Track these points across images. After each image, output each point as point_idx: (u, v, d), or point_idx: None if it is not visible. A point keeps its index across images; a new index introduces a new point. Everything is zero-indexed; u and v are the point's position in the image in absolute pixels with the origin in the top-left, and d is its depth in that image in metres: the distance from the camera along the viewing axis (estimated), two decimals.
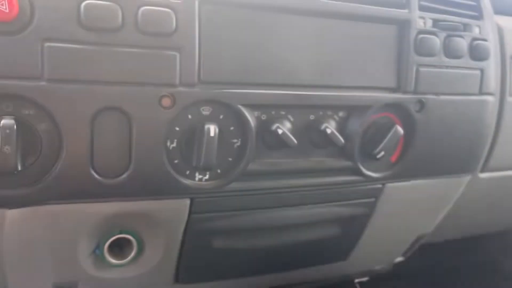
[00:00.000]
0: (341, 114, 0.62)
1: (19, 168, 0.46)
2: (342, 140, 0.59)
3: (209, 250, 0.62)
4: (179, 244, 0.60)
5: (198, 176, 0.56)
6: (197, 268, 0.64)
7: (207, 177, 0.57)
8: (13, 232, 0.51)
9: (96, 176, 0.50)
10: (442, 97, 0.66)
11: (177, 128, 0.53)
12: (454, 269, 1.09)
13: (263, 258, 0.67)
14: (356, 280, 0.88)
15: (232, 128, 0.56)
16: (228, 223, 0.60)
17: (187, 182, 0.55)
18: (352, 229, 0.71)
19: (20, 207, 0.50)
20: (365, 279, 0.88)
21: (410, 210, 0.75)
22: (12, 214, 0.50)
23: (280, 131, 0.56)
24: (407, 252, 0.88)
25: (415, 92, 0.64)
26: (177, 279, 0.64)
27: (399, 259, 0.89)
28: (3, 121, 0.45)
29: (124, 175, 0.51)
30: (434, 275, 1.07)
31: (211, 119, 0.54)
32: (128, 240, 0.60)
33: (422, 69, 0.63)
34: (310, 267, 0.74)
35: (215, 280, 0.67)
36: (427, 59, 0.64)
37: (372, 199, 0.69)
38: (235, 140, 0.57)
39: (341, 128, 0.61)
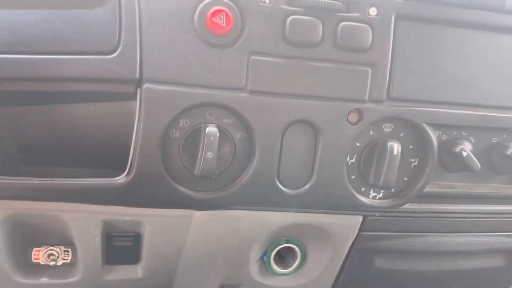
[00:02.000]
0: None
1: (216, 173, 0.49)
2: None
3: (370, 268, 0.61)
4: (343, 260, 0.59)
5: (372, 193, 0.55)
6: (354, 286, 0.63)
7: (381, 195, 0.55)
8: (197, 232, 0.54)
9: (280, 186, 0.51)
10: None
11: (358, 144, 0.53)
12: None
13: (421, 282, 0.64)
14: None
15: (411, 146, 0.54)
16: (396, 244, 0.58)
17: (362, 198, 0.54)
18: None
19: (208, 210, 0.53)
20: None
21: None
22: (199, 215, 0.53)
23: (464, 154, 0.53)
24: None
25: None
26: None
27: None
28: (208, 129, 0.47)
29: (306, 187, 0.52)
30: None
31: (393, 136, 0.53)
32: (290, 250, 0.60)
33: None
34: None
35: None
36: None
37: None
38: (412, 160, 0.55)
39: None
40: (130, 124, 0.48)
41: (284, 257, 0.62)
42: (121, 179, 0.49)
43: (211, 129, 0.47)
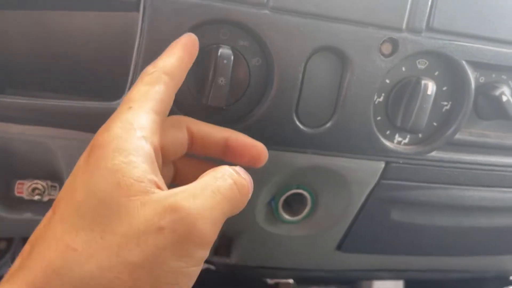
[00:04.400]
0: None
1: (227, 103, 0.43)
2: None
3: (386, 221, 0.56)
4: (357, 210, 0.54)
5: (397, 138, 0.50)
6: (366, 238, 0.58)
7: (406, 140, 0.50)
8: None
9: (298, 122, 0.45)
10: None
11: (388, 81, 0.47)
12: None
13: (438, 239, 0.60)
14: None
15: (445, 88, 0.48)
16: (417, 196, 0.53)
17: (387, 143, 0.49)
18: None
19: None
20: None
21: None
22: None
23: (504, 98, 0.47)
24: None
25: None
26: (340, 246, 0.59)
27: None
28: (221, 50, 0.41)
29: (327, 125, 0.46)
30: None
31: (427, 74, 0.47)
32: (300, 198, 0.55)
33: None
34: (481, 255, 0.66)
35: (377, 253, 0.62)
36: None
37: None
38: (445, 103, 0.49)
39: None
40: (131, 41, 0.41)
41: (291, 204, 0.57)
42: (119, 103, 0.43)
43: (225, 51, 0.41)
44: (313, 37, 0.42)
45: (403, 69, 0.46)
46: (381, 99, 0.47)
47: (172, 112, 0.43)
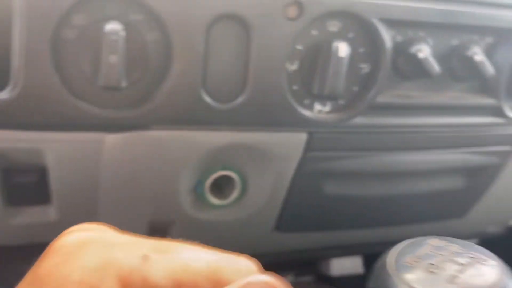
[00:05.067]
0: (488, 39, 0.50)
1: (124, 84, 0.40)
2: (493, 70, 0.48)
3: (318, 195, 0.54)
4: (288, 186, 0.52)
5: (317, 107, 0.47)
6: (302, 215, 0.56)
7: (327, 108, 0.48)
8: (112, 160, 0.45)
9: (207, 98, 0.43)
10: None
11: (299, 47, 0.44)
12: None
13: (374, 210, 0.59)
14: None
15: (361, 49, 0.46)
16: (345, 165, 0.51)
17: (306, 113, 0.47)
18: (478, 182, 0.61)
19: (121, 132, 0.43)
20: (474, 241, 0.78)
21: None
22: (112, 139, 0.44)
23: (421, 55, 0.46)
24: None
25: None
26: (278, 226, 0.57)
27: None
28: (107, 26, 0.38)
29: (239, 99, 0.43)
30: None
31: (340, 36, 0.45)
32: (229, 181, 0.53)
33: None
34: (421, 223, 0.65)
35: (319, 230, 0.60)
36: None
37: (508, 147, 0.58)
38: (363, 66, 0.47)
39: (487, 58, 0.51)
40: (8, 22, 0.38)
41: (223, 188, 0.54)
42: (4, 94, 0.39)
43: (113, 26, 0.38)
44: (210, 5, 0.40)
45: (314, 33, 0.44)
46: (294, 66, 0.45)
47: (64, 98, 0.40)
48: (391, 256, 0.31)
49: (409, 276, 0.25)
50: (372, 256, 0.89)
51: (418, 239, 0.31)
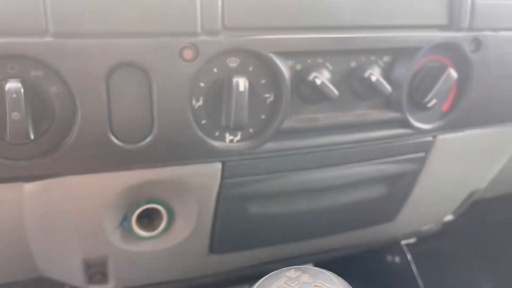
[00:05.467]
0: (386, 59, 0.54)
1: (32, 136, 0.42)
2: (389, 88, 0.52)
3: (245, 217, 0.57)
4: (212, 212, 0.55)
5: (228, 137, 0.50)
6: (233, 236, 0.59)
7: (238, 137, 0.51)
8: (33, 207, 0.47)
9: (116, 141, 0.45)
10: (502, 33, 0.57)
11: (202, 84, 0.47)
12: (505, 226, 1.02)
13: (303, 224, 0.62)
14: (403, 242, 0.83)
15: (263, 81, 0.49)
16: (264, 187, 0.54)
17: (217, 144, 0.49)
18: (400, 187, 0.65)
19: (37, 180, 0.46)
20: (412, 240, 0.82)
21: (463, 164, 0.68)
22: (30, 187, 0.46)
23: (318, 81, 0.49)
24: (458, 210, 0.81)
25: (470, 28, 0.55)
26: (211, 249, 0.60)
27: (449, 217, 0.83)
28: (8, 85, 0.40)
29: (148, 139, 0.46)
30: (484, 232, 1.01)
31: (240, 71, 0.48)
32: (158, 211, 0.55)
33: (478, 1, 0.55)
34: (354, 230, 0.69)
35: (251, 249, 0.63)
36: None
37: (422, 154, 0.62)
38: (267, 95, 0.50)
39: (386, 75, 0.54)
40: None
41: (153, 218, 0.57)
42: None
43: (13, 84, 0.40)
44: (106, 56, 0.42)
45: (215, 70, 0.47)
46: (200, 102, 0.48)
47: None
48: None
49: None
50: (323, 264, 0.92)
51: (278, 272, 0.34)
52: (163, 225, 0.55)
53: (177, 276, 0.63)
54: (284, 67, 0.49)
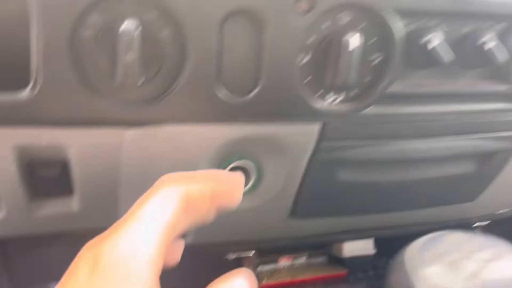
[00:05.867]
0: (502, 25, 0.50)
1: (141, 81, 0.41)
2: (503, 58, 0.48)
3: (333, 183, 0.55)
4: (302, 175, 0.53)
5: (330, 98, 0.48)
6: (317, 202, 0.58)
7: (340, 99, 0.49)
8: (131, 153, 0.47)
9: (224, 91, 0.43)
10: None
11: (311, 39, 0.45)
12: None
13: (387, 196, 0.60)
14: (475, 225, 0.80)
15: (373, 40, 0.46)
16: (359, 154, 0.52)
17: (319, 104, 0.47)
18: (489, 166, 0.62)
19: (139, 126, 0.45)
20: (485, 223, 0.79)
21: None
22: (131, 133, 0.45)
23: (433, 44, 0.46)
24: None
25: None
26: (294, 212, 0.59)
27: None
28: (125, 24, 0.38)
29: (253, 93, 0.44)
30: None
31: (351, 28, 0.45)
32: (244, 170, 0.54)
33: None
34: (433, 207, 0.66)
35: (333, 216, 0.62)
36: None
37: None
38: (375, 56, 0.48)
39: (500, 44, 0.50)
40: (27, 24, 0.39)
41: None
42: (25, 93, 0.40)
43: (129, 24, 0.38)
44: (223, 1, 0.40)
45: (325, 25, 0.44)
46: (307, 59, 0.45)
47: (83, 96, 0.41)
48: (410, 252, 0.32)
49: (429, 272, 0.26)
50: (384, 239, 0.90)
51: (437, 234, 0.32)
52: (250, 183, 0.54)
53: (252, 237, 0.62)
54: (397, 27, 0.46)
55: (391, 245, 0.95)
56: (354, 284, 0.83)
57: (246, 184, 0.54)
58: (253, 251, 0.68)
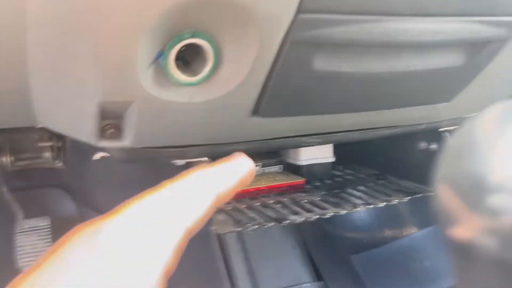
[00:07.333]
0: None
1: None
2: None
3: (307, 72, 0.45)
4: (272, 60, 0.43)
5: None
6: (286, 96, 0.48)
7: None
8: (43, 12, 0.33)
9: None
10: None
11: None
12: None
13: (361, 91, 0.51)
14: (443, 129, 0.75)
15: None
16: (342, 32, 0.42)
17: None
18: (478, 59, 0.54)
19: None
20: (452, 127, 0.75)
21: None
22: None
23: None
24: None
25: None
26: (256, 110, 0.49)
27: None
28: None
29: None
30: None
31: None
32: (199, 54, 0.42)
33: None
34: (407, 107, 0.59)
35: (301, 114, 0.52)
36: None
37: None
38: None
39: None
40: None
41: (191, 64, 0.44)
42: None
43: None
44: None
45: None
46: None
47: None
48: (483, 124, 0.24)
49: None
50: (343, 145, 0.84)
51: None
52: (207, 69, 0.42)
53: (207, 140, 0.52)
54: None
55: (350, 153, 0.90)
56: (311, 192, 0.77)
57: (200, 71, 0.43)
58: (205, 158, 0.59)
